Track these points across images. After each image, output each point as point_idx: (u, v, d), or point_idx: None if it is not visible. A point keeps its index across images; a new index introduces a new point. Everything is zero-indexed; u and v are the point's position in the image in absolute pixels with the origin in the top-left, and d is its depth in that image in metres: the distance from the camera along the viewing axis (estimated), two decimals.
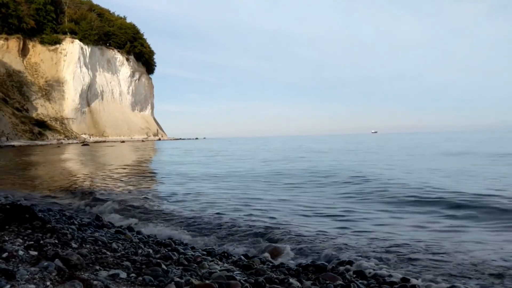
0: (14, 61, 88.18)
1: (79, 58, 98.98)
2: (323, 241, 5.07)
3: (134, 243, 4.41)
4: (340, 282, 3.32)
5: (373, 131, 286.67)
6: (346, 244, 4.86)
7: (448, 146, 33.73)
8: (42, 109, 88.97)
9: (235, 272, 3.37)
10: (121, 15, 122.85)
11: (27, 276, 2.45)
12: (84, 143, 74.55)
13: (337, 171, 13.88)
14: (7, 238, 3.55)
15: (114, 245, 4.06)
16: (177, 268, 3.37)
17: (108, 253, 3.61)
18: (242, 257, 4.29)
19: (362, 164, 17.25)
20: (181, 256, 3.93)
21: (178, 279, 2.84)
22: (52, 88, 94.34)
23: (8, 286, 2.23)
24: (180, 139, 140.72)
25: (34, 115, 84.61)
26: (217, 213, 6.95)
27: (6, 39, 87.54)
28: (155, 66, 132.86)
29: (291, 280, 3.23)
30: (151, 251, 4.05)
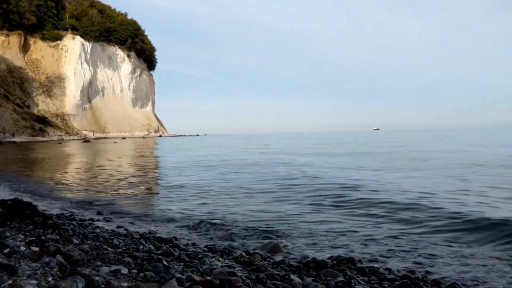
0: (15, 57, 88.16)
1: (80, 54, 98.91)
2: None
3: (135, 239, 4.41)
4: (341, 278, 3.32)
5: (375, 128, 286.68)
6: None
7: None
8: (43, 105, 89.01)
9: (236, 269, 3.37)
10: (122, 12, 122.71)
11: (29, 272, 2.46)
12: (85, 140, 74.66)
13: None
14: (8, 234, 3.56)
15: (115, 241, 4.06)
16: (178, 264, 3.37)
17: (109, 249, 3.61)
18: (243, 253, 4.28)
19: None
20: (182, 252, 3.93)
21: (179, 275, 2.84)
22: (53, 85, 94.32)
23: (10, 281, 2.23)
24: (181, 135, 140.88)
25: (35, 111, 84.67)
26: None
27: (7, 35, 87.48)
28: (156, 62, 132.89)
29: (292, 276, 3.22)
30: (152, 247, 4.05)
